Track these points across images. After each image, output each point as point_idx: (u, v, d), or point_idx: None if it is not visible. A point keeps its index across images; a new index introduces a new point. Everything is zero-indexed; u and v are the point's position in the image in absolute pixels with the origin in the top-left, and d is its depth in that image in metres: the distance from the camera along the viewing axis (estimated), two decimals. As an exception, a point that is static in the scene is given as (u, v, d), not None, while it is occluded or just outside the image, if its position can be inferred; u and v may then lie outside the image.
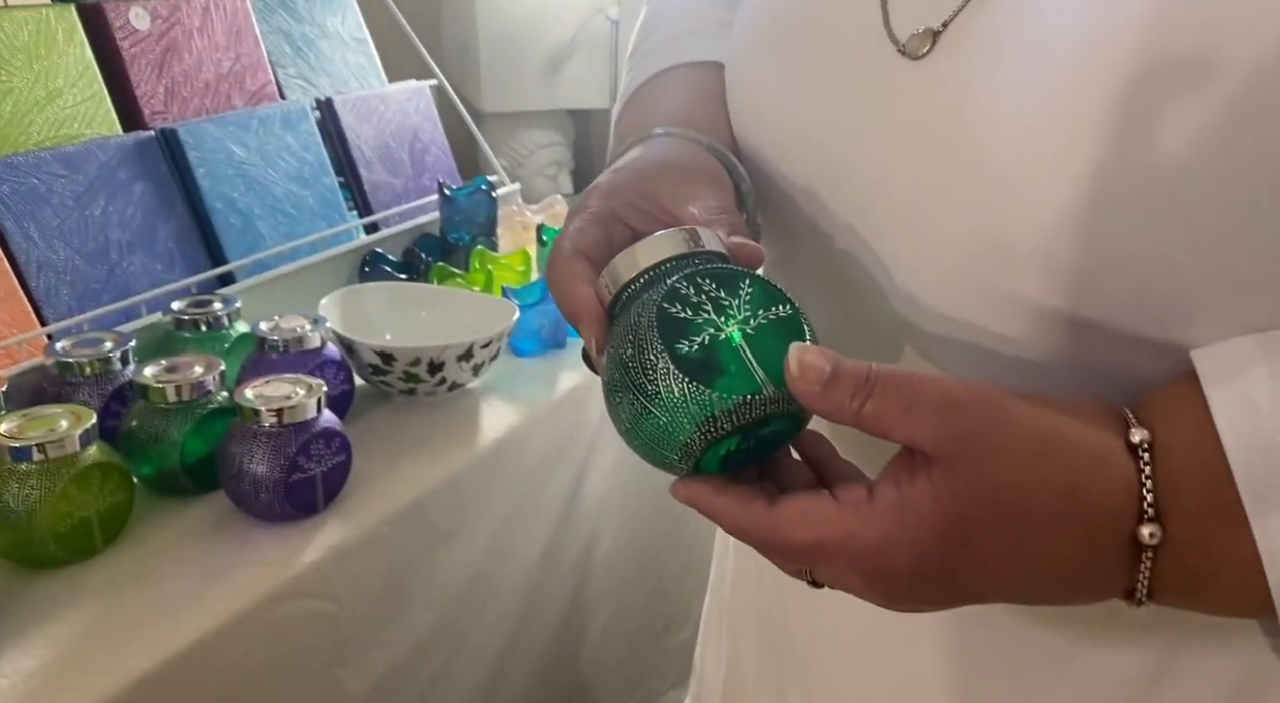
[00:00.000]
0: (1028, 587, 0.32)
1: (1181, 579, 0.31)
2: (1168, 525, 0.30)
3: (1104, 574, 0.32)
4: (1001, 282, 0.35)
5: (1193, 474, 0.30)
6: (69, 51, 0.85)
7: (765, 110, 0.46)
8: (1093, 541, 0.31)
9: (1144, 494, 0.30)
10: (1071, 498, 0.31)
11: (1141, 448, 0.31)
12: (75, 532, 0.62)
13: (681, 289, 0.34)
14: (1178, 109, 0.30)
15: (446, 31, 1.54)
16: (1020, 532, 0.31)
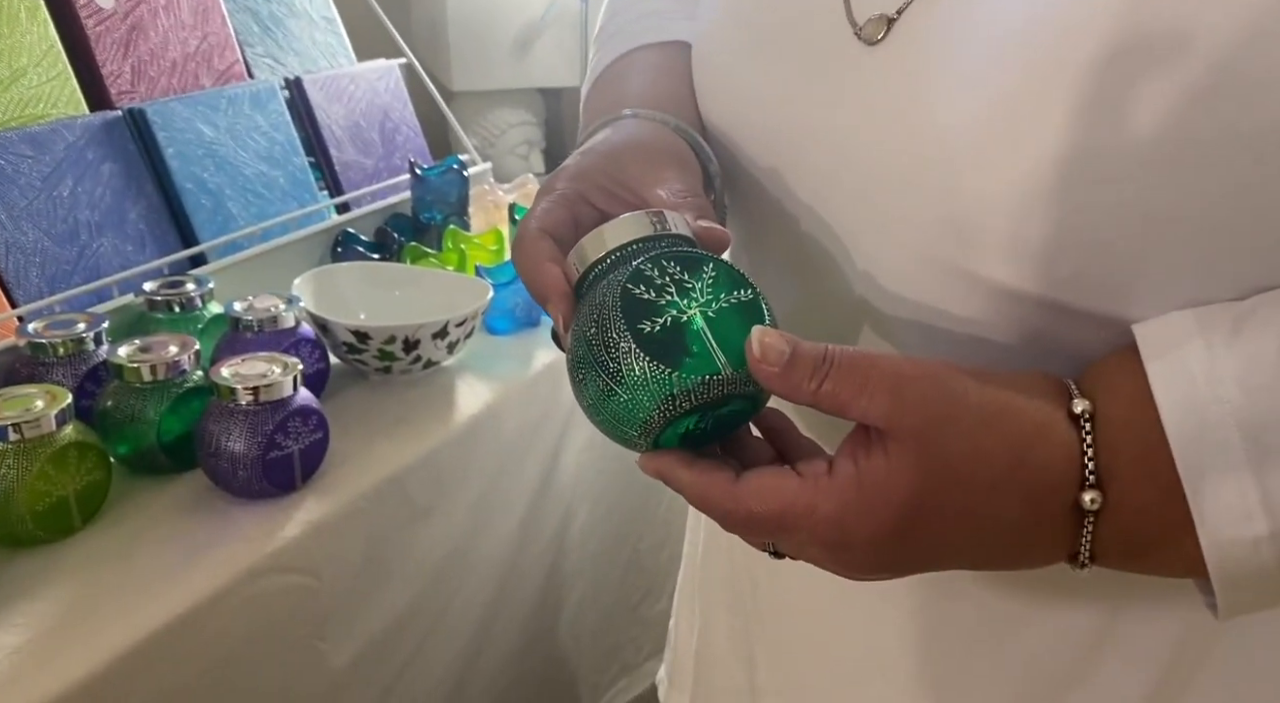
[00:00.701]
0: (978, 553, 0.34)
1: (1121, 543, 0.33)
2: (1108, 492, 0.32)
3: (1049, 539, 0.33)
4: (958, 262, 0.36)
5: (1131, 443, 0.32)
6: (32, 29, 0.84)
7: (729, 91, 0.47)
8: (1038, 507, 0.33)
9: (1085, 463, 0.32)
10: (1017, 467, 0.32)
11: (1083, 418, 0.33)
12: (53, 511, 0.62)
13: (646, 271, 0.35)
14: (1134, 95, 0.31)
15: (416, 9, 1.53)
16: (970, 500, 0.32)
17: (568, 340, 0.37)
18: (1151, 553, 0.33)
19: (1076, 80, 0.33)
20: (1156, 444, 0.31)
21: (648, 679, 1.10)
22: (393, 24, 1.21)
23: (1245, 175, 0.31)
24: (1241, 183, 0.31)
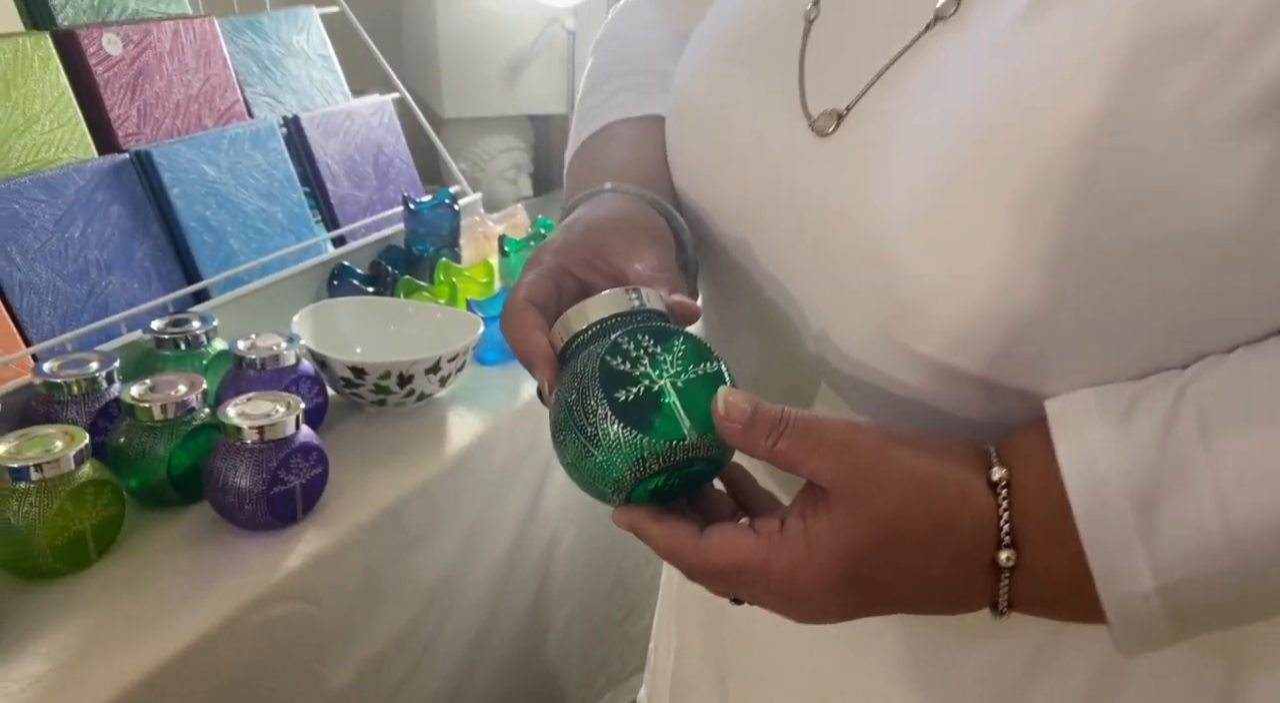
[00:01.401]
0: (910, 602, 0.39)
1: (1034, 595, 0.38)
2: (1021, 552, 0.37)
3: (972, 591, 0.38)
4: (899, 337, 0.41)
5: (1041, 509, 0.37)
6: (45, 78, 0.88)
7: (698, 169, 0.51)
8: (960, 564, 0.37)
9: (1001, 526, 0.37)
10: (942, 528, 0.37)
11: (1000, 486, 0.37)
12: (71, 545, 0.66)
13: (623, 344, 0.39)
14: (1045, 202, 0.36)
15: (407, 38, 1.58)
16: (901, 556, 0.37)
17: (550, 403, 0.41)
18: (1061, 604, 0.38)
19: (1000, 184, 0.37)
20: (1062, 511, 0.36)
21: (632, 693, 1.15)
22: (384, 52, 1.26)
23: (1138, 278, 0.36)
24: (1136, 285, 0.36)
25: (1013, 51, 0.39)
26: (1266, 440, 0.35)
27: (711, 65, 0.52)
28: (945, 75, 0.41)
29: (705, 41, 0.53)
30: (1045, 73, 0.37)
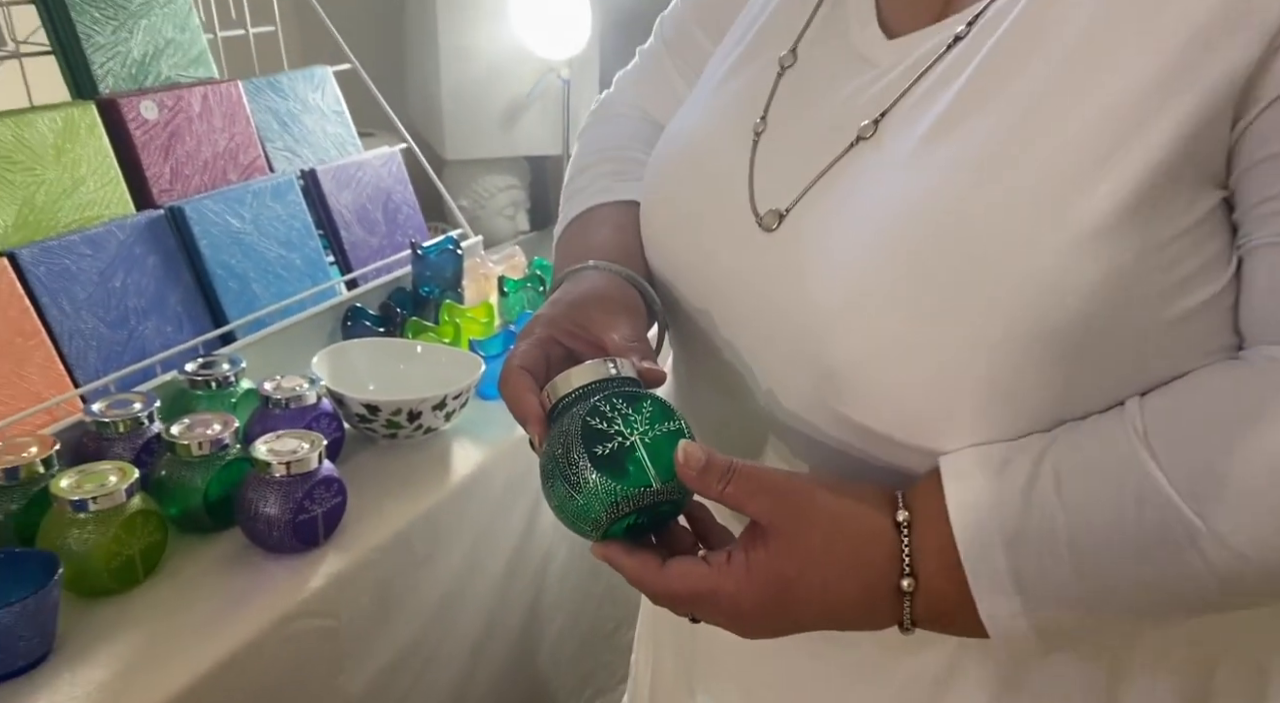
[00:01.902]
0: (833, 620, 0.48)
1: (932, 614, 0.47)
2: (919, 579, 0.46)
3: (882, 611, 0.48)
4: (828, 400, 0.51)
5: (935, 546, 0.46)
6: (90, 143, 0.97)
7: (666, 251, 0.61)
8: (871, 589, 0.47)
9: (904, 558, 0.47)
10: (857, 560, 0.47)
11: (903, 526, 0.47)
12: (123, 567, 0.76)
13: (600, 406, 0.49)
14: (945, 294, 0.46)
15: (412, 86, 1.68)
16: (824, 583, 0.47)
17: (540, 454, 0.51)
18: (953, 621, 0.48)
19: (902, 282, 0.47)
20: (951, 547, 0.46)
21: (618, 701, 1.24)
22: (391, 98, 1.35)
23: (1014, 361, 0.45)
24: (1011, 366, 0.46)
25: (914, 171, 0.49)
26: (1103, 495, 0.44)
27: (679, 167, 0.61)
28: (863, 186, 0.51)
29: (673, 145, 0.63)
30: (938, 189, 0.47)
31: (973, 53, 0.49)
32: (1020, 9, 0.49)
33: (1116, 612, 0.46)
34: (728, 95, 0.61)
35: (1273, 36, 0.42)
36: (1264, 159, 0.44)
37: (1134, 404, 0.46)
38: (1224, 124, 0.44)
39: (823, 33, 0.58)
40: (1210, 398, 0.45)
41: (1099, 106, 0.45)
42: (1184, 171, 0.44)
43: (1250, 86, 0.43)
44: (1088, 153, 0.44)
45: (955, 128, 0.48)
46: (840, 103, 0.54)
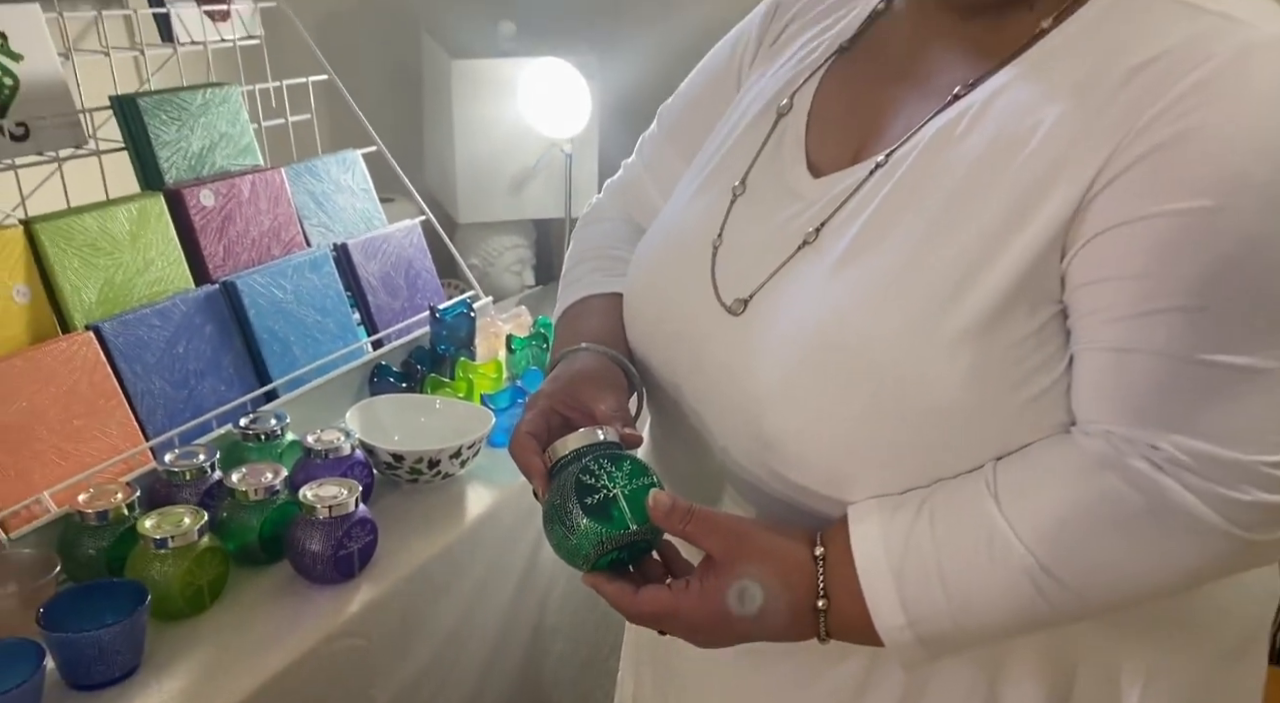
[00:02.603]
0: (767, 633, 0.63)
1: (842, 628, 0.62)
2: (830, 600, 0.61)
3: (803, 626, 0.63)
4: (767, 460, 0.66)
5: (842, 573, 0.61)
6: (159, 229, 1.14)
7: (644, 336, 0.77)
8: (795, 608, 0.62)
9: (819, 584, 0.62)
10: (785, 585, 0.62)
11: (819, 559, 0.62)
12: (194, 595, 0.91)
13: (590, 466, 0.64)
14: (853, 381, 0.61)
15: (429, 157, 1.85)
16: (760, 604, 0.62)
17: (543, 502, 0.66)
18: (859, 634, 0.62)
19: (822, 369, 0.63)
20: (854, 576, 0.61)
21: (613, 717, 1.38)
22: (410, 167, 1.51)
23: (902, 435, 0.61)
24: (901, 438, 0.61)
25: (832, 286, 0.64)
26: (964, 536, 0.60)
27: (655, 269, 0.77)
28: (804, 285, 0.66)
29: (650, 251, 0.79)
30: (847, 306, 0.63)
31: (876, 193, 0.65)
32: (910, 162, 0.65)
33: (979, 626, 0.61)
34: (693, 214, 0.77)
35: (1085, 190, 0.58)
36: (1085, 283, 0.59)
37: (990, 467, 0.61)
38: (1056, 255, 0.60)
39: (765, 169, 0.75)
40: (1043, 465, 0.60)
41: (962, 243, 0.60)
42: (1027, 291, 0.60)
43: (1073, 228, 0.59)
44: (954, 279, 0.60)
45: (861, 254, 0.64)
46: (776, 227, 0.70)
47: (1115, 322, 0.58)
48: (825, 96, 0.75)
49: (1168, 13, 0.60)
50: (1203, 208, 0.55)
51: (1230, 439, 0.55)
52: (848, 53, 0.76)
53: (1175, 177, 0.56)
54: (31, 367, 0.98)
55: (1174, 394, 0.57)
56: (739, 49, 0.85)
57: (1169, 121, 0.56)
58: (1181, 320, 0.56)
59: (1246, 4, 0.59)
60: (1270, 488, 0.55)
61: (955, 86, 0.66)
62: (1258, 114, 0.55)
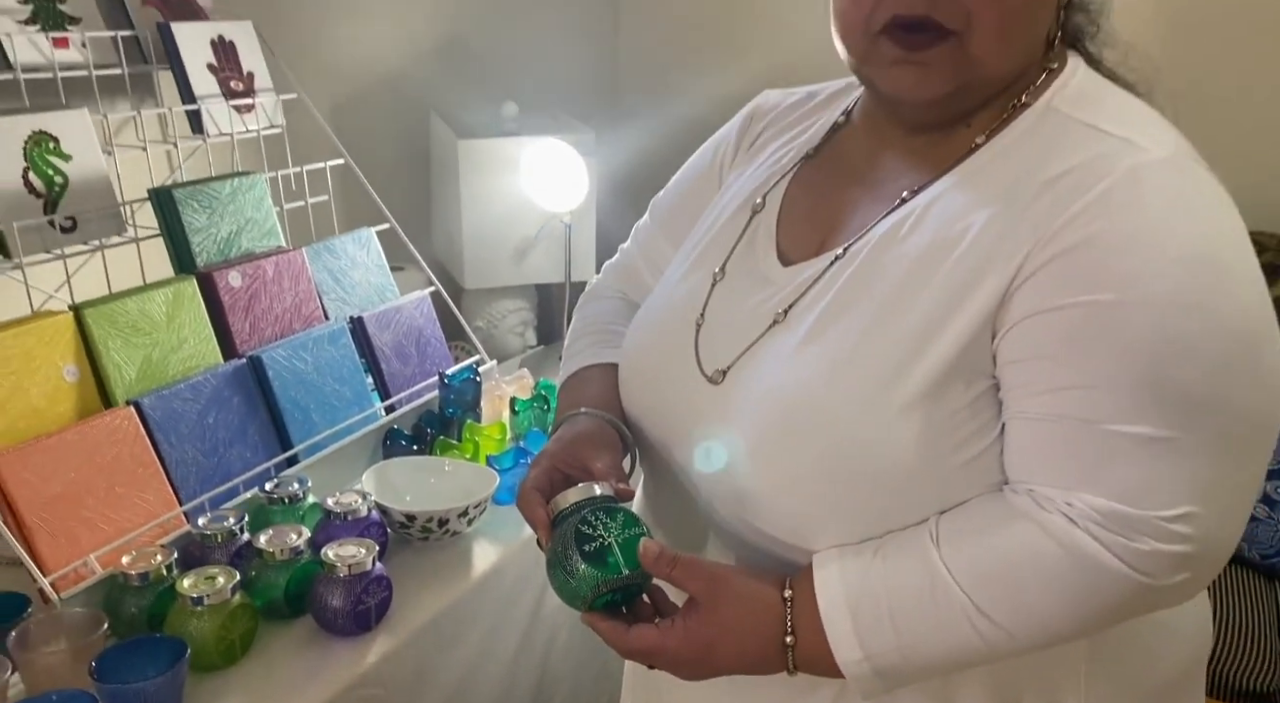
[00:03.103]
0: (743, 667, 0.72)
1: (808, 661, 0.71)
2: (797, 637, 0.70)
3: (774, 660, 0.72)
4: (743, 514, 0.76)
5: (808, 612, 0.70)
6: (192, 310, 1.24)
7: (636, 402, 0.87)
8: (766, 644, 0.71)
9: (787, 623, 0.71)
10: (756, 625, 0.71)
11: (788, 601, 0.71)
12: (227, 648, 1.00)
13: (587, 517, 0.73)
14: (815, 445, 0.71)
15: (437, 229, 1.97)
16: (734, 640, 0.71)
17: (546, 550, 0.75)
18: (822, 666, 0.71)
19: (788, 435, 0.72)
20: (817, 616, 0.70)
21: (614, 761, 1.45)
22: (419, 237, 1.62)
23: (859, 492, 0.70)
24: (858, 495, 0.70)
25: (797, 360, 0.74)
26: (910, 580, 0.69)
27: (646, 343, 0.88)
28: (774, 358, 0.76)
29: (641, 328, 0.90)
30: (810, 379, 0.73)
31: (836, 279, 0.76)
32: (864, 256, 0.75)
33: (925, 659, 0.70)
34: (679, 295, 0.88)
35: (1009, 283, 0.68)
36: (1010, 362, 0.69)
37: (934, 519, 0.71)
38: (987, 337, 0.70)
39: (742, 257, 0.85)
40: (979, 519, 0.70)
41: (907, 326, 0.71)
42: (962, 367, 0.70)
43: (999, 314, 0.69)
44: (900, 357, 0.70)
45: (822, 333, 0.74)
46: (751, 308, 0.81)
47: (1035, 395, 0.68)
48: (793, 196, 0.87)
49: (1078, 134, 0.71)
50: (1104, 301, 0.65)
51: (1130, 497, 0.65)
52: (813, 159, 0.88)
53: (1081, 274, 0.66)
54: (80, 440, 1.08)
55: (1083, 458, 0.66)
56: (720, 152, 0.97)
57: (1076, 228, 0.66)
58: (1088, 395, 0.66)
59: (1142, 129, 0.70)
60: (1165, 539, 0.65)
61: (902, 191, 0.77)
62: (1146, 224, 0.66)
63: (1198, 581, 0.68)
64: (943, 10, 0.69)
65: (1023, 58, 0.73)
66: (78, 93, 1.34)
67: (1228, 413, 0.65)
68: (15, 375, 1.06)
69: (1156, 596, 0.67)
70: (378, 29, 1.92)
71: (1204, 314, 0.64)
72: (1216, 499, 0.65)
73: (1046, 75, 0.75)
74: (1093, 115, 0.72)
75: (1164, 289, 0.64)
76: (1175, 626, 0.83)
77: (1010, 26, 0.71)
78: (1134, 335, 0.65)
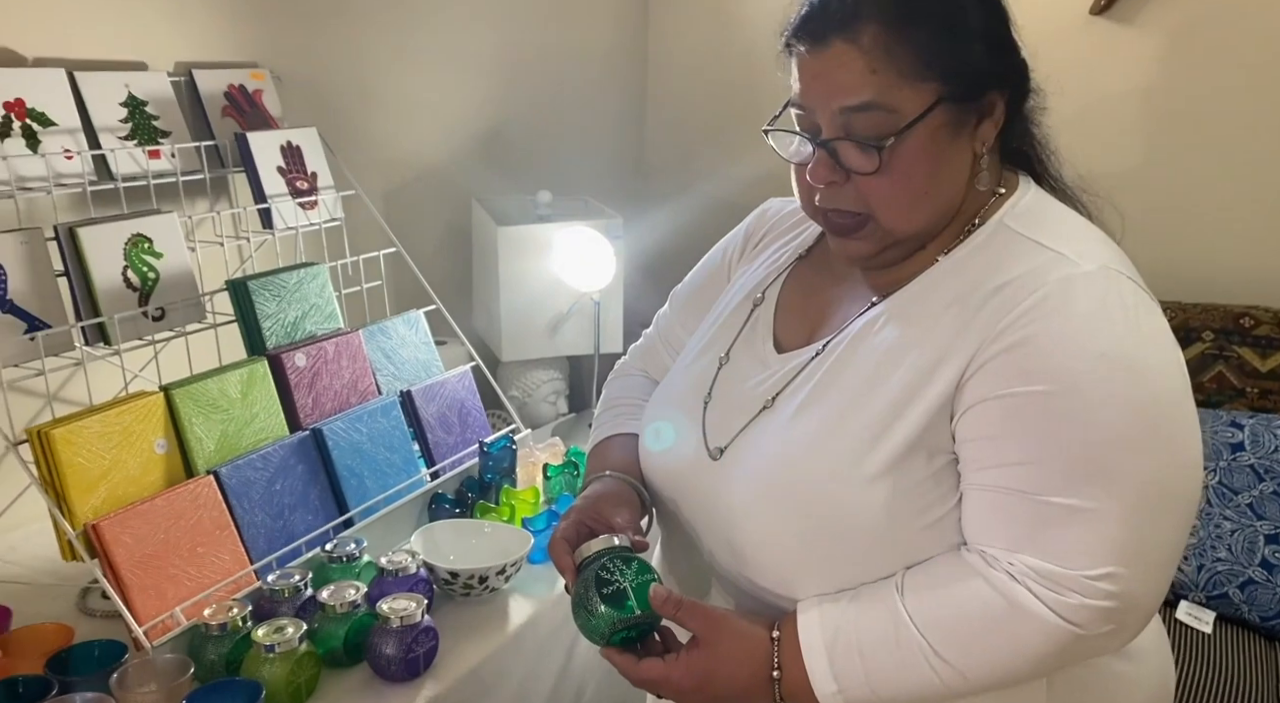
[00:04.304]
0: (737, 697, 0.85)
1: (791, 693, 0.83)
2: (783, 671, 0.83)
3: (763, 692, 0.84)
4: (735, 566, 0.89)
5: (791, 649, 0.83)
6: (262, 388, 1.40)
7: (653, 468, 1.01)
8: (755, 676, 0.83)
9: (775, 658, 0.83)
10: (748, 660, 0.84)
11: (775, 640, 0.84)
12: (295, 692, 1.13)
13: (607, 564, 0.86)
14: (799, 510, 0.84)
15: (477, 307, 2.13)
16: (729, 673, 0.83)
17: (571, 593, 0.88)
18: (805, 698, 0.83)
19: (773, 502, 0.86)
20: (799, 653, 0.82)
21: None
22: (459, 311, 1.78)
23: (838, 548, 0.83)
24: (836, 551, 0.83)
25: (784, 436, 0.88)
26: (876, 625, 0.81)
27: (661, 418, 1.02)
28: (763, 436, 0.90)
29: (659, 403, 1.04)
30: (795, 452, 0.86)
31: (820, 366, 0.90)
32: (841, 349, 0.89)
33: (891, 693, 0.81)
34: (691, 376, 1.02)
35: (961, 374, 0.81)
36: (964, 440, 0.82)
37: (900, 573, 0.83)
38: (945, 418, 0.83)
39: (744, 343, 1.00)
40: (938, 573, 0.82)
41: (875, 410, 0.84)
42: (923, 444, 0.83)
43: (955, 400, 0.82)
44: (869, 435, 0.83)
45: (806, 412, 0.88)
46: (749, 388, 0.95)
47: (984, 469, 0.81)
48: (788, 292, 1.01)
49: (1020, 248, 0.85)
50: (1039, 391, 0.78)
51: (1060, 558, 0.77)
52: (805, 260, 1.03)
53: (1020, 369, 0.79)
54: (168, 506, 1.23)
55: (1022, 524, 0.79)
56: (729, 250, 1.12)
57: (1016, 330, 0.80)
58: (1026, 471, 0.78)
59: (1076, 243, 0.84)
60: (1091, 595, 0.76)
61: (874, 296, 0.91)
62: (1073, 327, 0.79)
63: (1124, 630, 0.79)
64: (847, 202, 0.85)
65: (936, 216, 0.87)
66: (164, 196, 1.53)
67: (1143, 486, 0.77)
68: (116, 449, 1.22)
69: (1087, 644, 0.78)
70: (423, 126, 2.12)
71: (1121, 403, 0.77)
72: (1136, 560, 0.77)
73: (996, 199, 0.89)
74: (1036, 231, 0.86)
75: (1088, 382, 0.77)
76: (1134, 677, 0.93)
77: (907, 205, 0.85)
78: (1062, 421, 0.77)
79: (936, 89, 0.81)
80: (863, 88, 0.81)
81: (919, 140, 0.82)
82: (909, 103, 0.81)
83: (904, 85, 0.80)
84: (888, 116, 0.81)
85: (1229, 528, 1.80)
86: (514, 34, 2.27)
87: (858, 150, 0.83)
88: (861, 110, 0.81)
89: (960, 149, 0.85)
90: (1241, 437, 1.84)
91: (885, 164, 0.82)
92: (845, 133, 0.82)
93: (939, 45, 0.81)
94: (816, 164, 0.85)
